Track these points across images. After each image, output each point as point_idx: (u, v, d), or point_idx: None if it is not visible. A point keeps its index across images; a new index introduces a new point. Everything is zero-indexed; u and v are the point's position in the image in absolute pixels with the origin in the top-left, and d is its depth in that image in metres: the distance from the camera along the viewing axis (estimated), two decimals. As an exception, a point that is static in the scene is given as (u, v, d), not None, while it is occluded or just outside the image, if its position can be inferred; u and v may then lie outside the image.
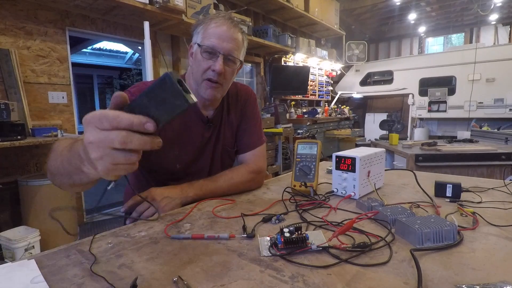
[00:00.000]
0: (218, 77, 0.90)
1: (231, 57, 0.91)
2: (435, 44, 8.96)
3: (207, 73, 0.91)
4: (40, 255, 0.58)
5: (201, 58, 0.90)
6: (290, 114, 5.17)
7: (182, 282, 0.46)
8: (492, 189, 0.96)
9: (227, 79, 0.95)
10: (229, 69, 0.93)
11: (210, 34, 0.90)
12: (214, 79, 0.91)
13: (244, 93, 1.11)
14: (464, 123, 6.00)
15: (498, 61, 5.67)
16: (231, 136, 1.08)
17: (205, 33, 0.90)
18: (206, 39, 0.90)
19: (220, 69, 0.89)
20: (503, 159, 2.16)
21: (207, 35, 0.90)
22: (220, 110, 1.05)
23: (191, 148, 1.00)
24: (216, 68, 0.89)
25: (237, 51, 0.93)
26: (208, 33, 0.90)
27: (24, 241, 1.99)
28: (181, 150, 0.98)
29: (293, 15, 5.12)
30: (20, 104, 2.36)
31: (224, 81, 0.94)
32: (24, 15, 2.47)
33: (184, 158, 0.99)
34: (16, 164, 2.45)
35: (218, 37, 0.89)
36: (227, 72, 0.92)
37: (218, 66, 0.89)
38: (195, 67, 0.94)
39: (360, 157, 0.86)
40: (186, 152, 0.99)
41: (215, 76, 0.90)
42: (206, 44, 0.89)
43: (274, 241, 0.57)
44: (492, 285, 0.43)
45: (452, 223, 0.59)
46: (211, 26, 0.90)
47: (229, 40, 0.90)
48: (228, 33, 0.90)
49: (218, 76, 0.90)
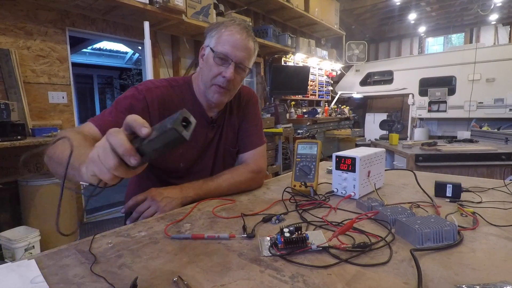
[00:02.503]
0: (227, 83, 0.92)
1: (242, 65, 0.93)
2: (435, 44, 8.96)
3: (217, 78, 0.92)
4: (40, 255, 0.58)
5: (213, 63, 0.92)
6: (290, 114, 5.17)
7: (182, 282, 0.46)
8: (492, 189, 0.96)
9: (235, 85, 0.97)
10: (238, 76, 0.95)
11: (224, 41, 0.90)
12: (223, 85, 0.92)
13: (246, 94, 1.12)
14: (464, 123, 6.00)
15: (498, 61, 5.67)
16: (233, 136, 1.10)
17: (220, 39, 0.91)
18: (220, 45, 0.91)
19: (231, 76, 0.90)
20: (503, 159, 2.16)
21: (221, 41, 0.91)
22: (223, 111, 1.06)
23: (195, 147, 1.01)
24: (227, 76, 0.90)
25: (248, 60, 0.95)
26: (222, 39, 0.91)
27: (24, 241, 1.99)
28: (185, 149, 0.99)
29: (293, 15, 5.12)
30: (20, 104, 2.36)
31: (232, 87, 0.96)
32: (24, 15, 2.47)
33: (188, 157, 1.00)
34: (16, 164, 2.44)
35: (232, 45, 0.90)
36: (236, 79, 0.94)
37: (229, 73, 0.90)
38: (205, 70, 0.95)
39: (360, 157, 0.86)
40: (190, 151, 1.00)
41: (224, 83, 0.92)
42: (219, 50, 0.90)
43: (274, 241, 0.57)
44: (492, 285, 0.43)
45: (452, 223, 0.59)
46: (226, 33, 0.91)
47: (242, 49, 0.92)
48: (242, 43, 0.91)
49: (227, 83, 0.92)
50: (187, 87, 1.00)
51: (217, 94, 0.94)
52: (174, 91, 0.97)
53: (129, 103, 0.87)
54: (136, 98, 0.88)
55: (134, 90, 0.91)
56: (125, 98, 0.88)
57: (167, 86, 0.96)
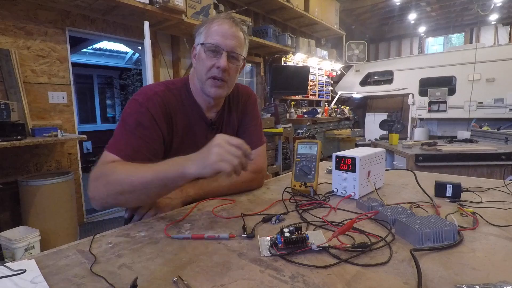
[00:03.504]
0: (222, 73, 0.91)
1: (234, 54, 0.93)
2: (435, 44, 8.96)
3: (212, 70, 0.92)
4: (40, 255, 0.58)
5: (205, 56, 0.92)
6: (290, 114, 5.17)
7: (182, 282, 0.47)
8: (492, 189, 0.96)
9: (232, 76, 0.96)
10: (233, 66, 0.94)
11: (213, 33, 0.91)
12: (219, 76, 0.92)
13: (245, 93, 1.12)
14: (464, 123, 6.00)
15: (498, 61, 5.67)
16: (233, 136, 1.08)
17: (208, 33, 0.92)
18: (209, 37, 0.91)
19: (225, 65, 0.90)
20: (503, 159, 2.16)
21: (210, 34, 0.91)
22: (222, 111, 1.05)
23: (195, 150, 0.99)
24: (221, 65, 0.90)
25: (239, 48, 0.94)
26: (210, 32, 0.91)
27: (24, 241, 1.99)
28: (185, 153, 0.97)
29: (293, 15, 5.12)
30: (20, 104, 2.36)
31: (229, 78, 0.95)
32: (24, 15, 2.46)
33: None
34: (16, 164, 2.45)
35: (221, 35, 0.90)
36: (231, 69, 0.93)
37: (223, 62, 0.90)
38: (199, 66, 0.94)
39: (360, 157, 0.86)
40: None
41: (219, 73, 0.91)
42: (209, 42, 0.90)
43: (274, 241, 0.57)
44: (492, 285, 0.43)
45: (452, 223, 0.59)
46: (213, 26, 0.92)
47: (232, 37, 0.91)
48: (230, 31, 0.91)
49: (222, 73, 0.91)
50: (184, 89, 0.99)
51: (214, 87, 0.93)
52: (173, 94, 0.95)
53: (136, 119, 0.85)
54: (140, 112, 0.86)
55: (135, 104, 0.88)
56: (130, 115, 0.86)
57: (165, 90, 0.94)
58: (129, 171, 0.73)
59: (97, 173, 0.75)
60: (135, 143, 0.83)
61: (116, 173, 0.73)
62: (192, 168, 0.69)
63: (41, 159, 2.60)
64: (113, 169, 0.75)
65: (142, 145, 0.83)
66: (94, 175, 0.75)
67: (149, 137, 0.85)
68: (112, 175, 0.73)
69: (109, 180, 0.73)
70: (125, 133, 0.84)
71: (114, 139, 0.84)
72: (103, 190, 0.73)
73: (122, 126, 0.85)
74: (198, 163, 0.69)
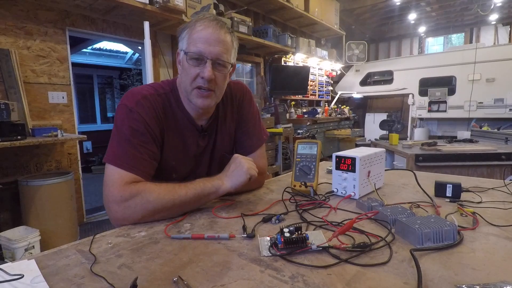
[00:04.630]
0: (208, 84, 0.85)
1: (220, 61, 0.85)
2: (435, 44, 8.95)
3: (197, 80, 0.85)
4: (40, 255, 0.58)
5: (188, 65, 0.85)
6: (290, 114, 5.17)
7: (182, 282, 0.47)
8: (492, 189, 0.96)
9: (219, 84, 0.89)
10: (220, 74, 0.87)
11: (196, 39, 0.83)
12: (204, 87, 0.85)
13: (239, 92, 1.05)
14: (464, 123, 6.00)
15: (498, 61, 5.67)
16: (229, 141, 1.05)
17: (190, 38, 0.84)
18: (191, 45, 0.84)
19: (209, 75, 0.83)
20: (503, 159, 2.16)
21: (192, 40, 0.84)
22: (215, 116, 1.00)
23: (187, 158, 0.97)
24: (205, 75, 0.83)
25: (226, 54, 0.86)
26: (193, 38, 0.84)
27: (24, 241, 1.99)
28: (177, 161, 0.95)
29: (293, 15, 5.12)
30: (20, 104, 2.36)
31: (216, 87, 0.88)
32: (24, 15, 2.47)
33: (180, 169, 0.96)
34: (16, 164, 2.45)
35: (204, 42, 0.83)
36: (217, 77, 0.86)
37: (207, 72, 0.83)
38: (183, 75, 0.88)
39: (360, 157, 0.86)
40: (182, 163, 0.96)
41: (205, 84, 0.84)
42: (192, 50, 0.83)
43: (274, 241, 0.57)
44: (492, 285, 0.43)
45: (452, 223, 0.59)
46: (196, 30, 0.84)
47: (216, 43, 0.84)
48: (214, 36, 0.83)
49: (208, 83, 0.85)
50: (172, 94, 0.94)
51: (201, 98, 0.86)
52: (162, 99, 0.90)
53: (129, 127, 0.82)
54: (133, 118, 0.83)
55: (126, 110, 0.84)
56: (122, 123, 0.83)
57: (154, 94, 0.89)
58: (167, 190, 0.77)
59: (125, 194, 0.74)
60: (136, 152, 0.81)
61: (155, 193, 0.75)
62: (227, 182, 0.84)
63: (41, 159, 2.60)
64: (150, 189, 0.76)
65: (143, 151, 0.82)
66: (121, 196, 0.74)
67: (146, 142, 0.83)
68: (151, 195, 0.75)
69: (149, 200, 0.74)
70: (123, 142, 0.81)
71: (114, 150, 0.81)
72: (140, 209, 0.74)
73: (118, 135, 0.82)
74: (231, 177, 0.84)
